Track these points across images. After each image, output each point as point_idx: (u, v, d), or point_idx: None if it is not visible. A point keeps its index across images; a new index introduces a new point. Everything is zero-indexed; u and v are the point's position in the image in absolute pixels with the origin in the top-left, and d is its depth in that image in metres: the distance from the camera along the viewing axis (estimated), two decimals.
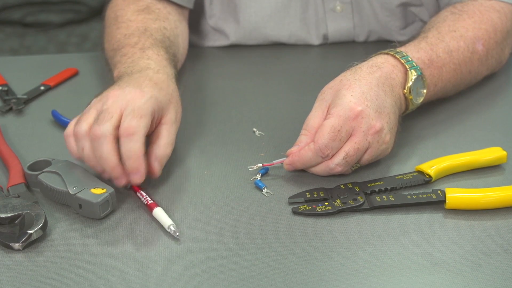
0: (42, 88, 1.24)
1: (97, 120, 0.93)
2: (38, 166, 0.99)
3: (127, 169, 0.92)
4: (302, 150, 0.97)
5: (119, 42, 1.16)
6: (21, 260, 0.87)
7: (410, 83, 1.03)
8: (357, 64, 1.04)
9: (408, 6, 1.33)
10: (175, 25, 1.24)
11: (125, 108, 0.94)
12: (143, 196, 0.95)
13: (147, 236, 0.90)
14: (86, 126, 0.93)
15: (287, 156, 0.99)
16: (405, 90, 1.03)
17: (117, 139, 0.92)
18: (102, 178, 0.95)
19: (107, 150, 0.91)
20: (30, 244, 0.88)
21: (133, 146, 0.91)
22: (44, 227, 0.89)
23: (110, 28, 1.21)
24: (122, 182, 0.94)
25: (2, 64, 1.39)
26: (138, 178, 0.93)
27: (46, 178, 0.95)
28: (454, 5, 1.19)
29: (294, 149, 0.98)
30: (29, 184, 0.98)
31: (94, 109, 0.95)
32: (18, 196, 0.94)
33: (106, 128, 0.91)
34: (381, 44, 1.35)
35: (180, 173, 1.02)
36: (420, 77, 1.04)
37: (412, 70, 1.03)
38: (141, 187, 0.96)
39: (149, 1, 1.24)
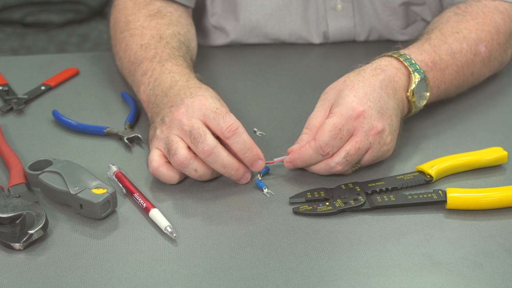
0: (42, 88, 1.24)
1: (194, 141, 0.94)
2: (38, 166, 0.99)
3: (248, 161, 0.96)
4: (302, 148, 0.97)
5: (136, 55, 1.15)
6: (22, 260, 0.87)
7: (413, 86, 1.03)
8: (360, 66, 1.04)
9: (410, 5, 1.33)
10: (187, 28, 1.24)
11: (205, 116, 0.96)
12: (138, 199, 0.95)
13: (148, 236, 0.90)
14: (185, 152, 0.95)
15: (287, 154, 0.99)
16: (408, 93, 1.03)
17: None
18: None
19: (226, 157, 0.95)
20: (31, 244, 0.88)
21: (244, 138, 0.95)
22: (45, 227, 0.89)
23: (123, 35, 1.20)
24: (247, 177, 0.98)
25: (3, 64, 1.39)
26: (261, 163, 0.97)
27: (47, 178, 0.95)
28: (457, 5, 1.19)
29: (295, 147, 0.98)
30: (30, 184, 0.98)
31: (174, 136, 0.96)
32: (19, 196, 0.94)
33: (211, 140, 0.94)
34: (382, 44, 1.35)
35: None
36: (424, 80, 1.04)
37: (415, 73, 1.03)
38: (137, 189, 0.96)
39: (159, 4, 1.23)
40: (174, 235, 0.89)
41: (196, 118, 0.96)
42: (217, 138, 0.96)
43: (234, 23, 1.35)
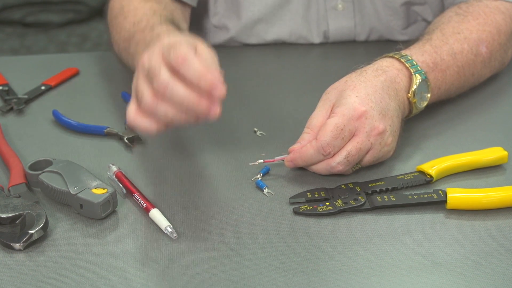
0: (42, 88, 1.24)
1: (151, 80, 0.87)
2: (39, 166, 0.99)
3: (206, 88, 0.84)
4: (304, 147, 0.97)
5: (129, 32, 1.15)
6: (22, 260, 0.87)
7: (414, 87, 1.03)
8: (362, 67, 1.04)
9: (412, 5, 1.33)
10: (180, 18, 1.24)
11: (162, 52, 0.87)
12: (138, 199, 0.94)
13: (148, 236, 0.90)
14: (150, 95, 0.87)
15: (288, 153, 0.99)
16: (409, 94, 1.03)
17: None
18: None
19: (182, 90, 0.85)
20: (31, 244, 0.88)
21: (195, 65, 0.84)
22: (45, 227, 0.89)
23: (117, 19, 1.20)
24: (215, 111, 0.85)
25: (3, 64, 1.39)
26: (221, 89, 0.84)
27: (47, 178, 0.95)
28: (459, 5, 1.19)
29: (296, 146, 0.98)
30: (30, 184, 0.98)
31: (139, 81, 0.88)
32: (19, 196, 0.94)
33: (164, 74, 0.85)
34: (383, 44, 1.35)
35: (181, 173, 1.02)
36: (425, 81, 1.04)
37: (416, 75, 1.03)
38: (137, 189, 0.96)
39: None
40: (174, 235, 0.89)
41: (155, 56, 0.88)
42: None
43: (236, 21, 1.35)
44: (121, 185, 0.97)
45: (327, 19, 1.34)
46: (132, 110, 0.89)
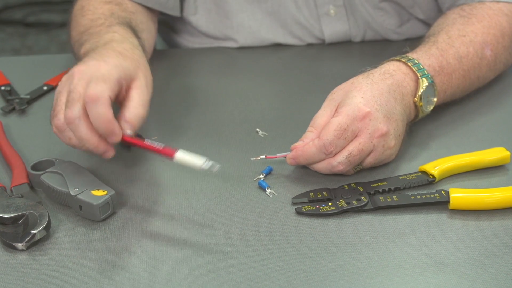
0: (45, 88, 1.24)
1: (66, 104, 0.91)
2: (41, 166, 0.99)
3: (102, 133, 0.90)
4: (306, 146, 0.97)
5: (85, 26, 1.15)
6: (25, 260, 0.87)
7: (421, 91, 1.03)
8: (369, 70, 1.04)
9: (399, 5, 1.32)
10: (140, 20, 1.23)
11: (90, 80, 0.91)
12: (152, 146, 0.91)
13: (151, 236, 0.90)
14: (62, 117, 0.92)
15: (291, 151, 0.99)
16: (415, 98, 1.03)
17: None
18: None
19: (84, 131, 0.90)
20: (34, 244, 0.88)
21: (100, 110, 0.89)
22: (47, 227, 0.89)
23: (76, 18, 1.21)
24: (110, 154, 0.93)
25: (5, 64, 1.39)
26: (115, 138, 0.91)
27: (48, 178, 0.95)
28: (461, 7, 1.19)
29: (298, 144, 0.98)
30: (33, 184, 0.98)
31: (63, 94, 0.93)
32: (22, 196, 0.94)
33: (77, 109, 0.90)
34: (378, 43, 1.35)
35: (182, 173, 1.02)
36: (431, 86, 1.04)
37: (423, 79, 1.03)
38: (143, 137, 0.94)
39: None
40: (218, 165, 0.87)
41: (84, 80, 0.92)
42: None
43: (230, 30, 1.36)
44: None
45: (320, 25, 1.34)
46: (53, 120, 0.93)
